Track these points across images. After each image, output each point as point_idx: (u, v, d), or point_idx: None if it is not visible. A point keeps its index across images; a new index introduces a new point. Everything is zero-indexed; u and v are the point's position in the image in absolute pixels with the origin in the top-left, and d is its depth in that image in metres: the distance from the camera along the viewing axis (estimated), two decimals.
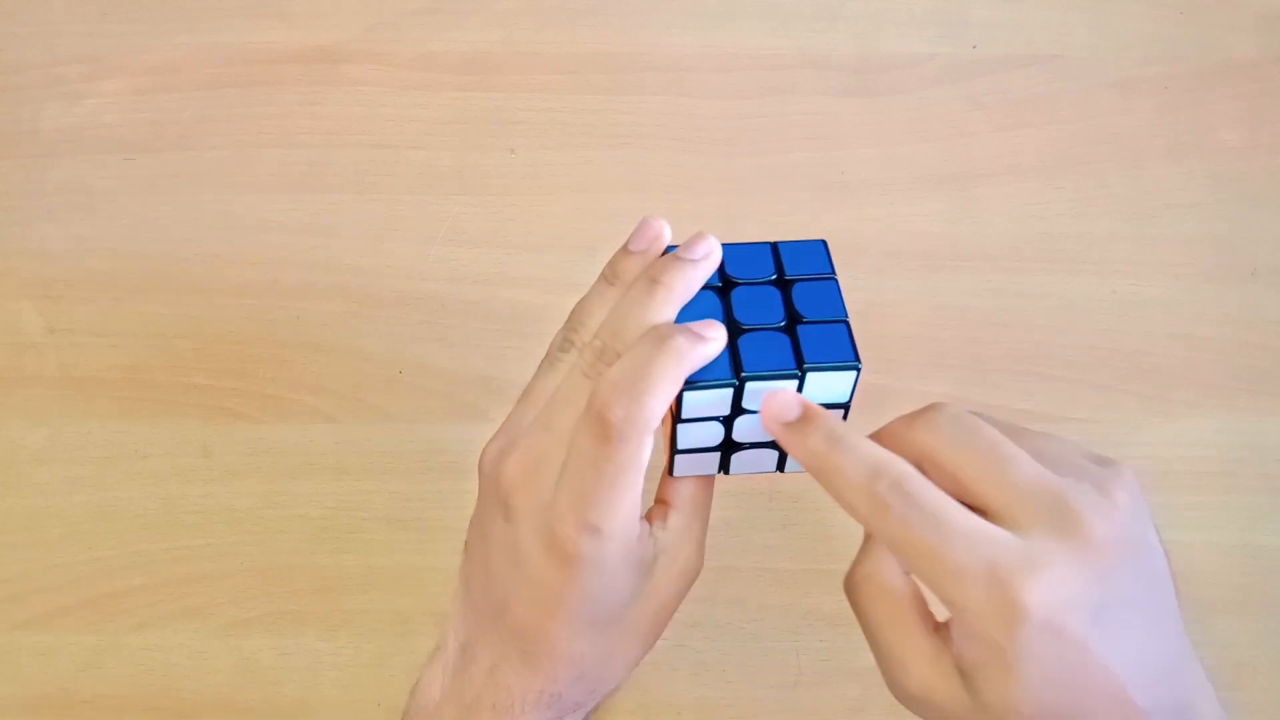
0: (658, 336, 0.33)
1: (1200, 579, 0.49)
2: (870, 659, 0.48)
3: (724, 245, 0.36)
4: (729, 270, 0.36)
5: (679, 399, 0.34)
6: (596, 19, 0.60)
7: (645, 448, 0.33)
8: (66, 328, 0.54)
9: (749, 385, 0.34)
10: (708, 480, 0.39)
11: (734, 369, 0.34)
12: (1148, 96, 0.58)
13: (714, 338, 0.34)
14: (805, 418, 0.34)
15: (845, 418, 0.36)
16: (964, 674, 0.32)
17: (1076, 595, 0.30)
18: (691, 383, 0.34)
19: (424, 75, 0.59)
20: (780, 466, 0.38)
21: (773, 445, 0.36)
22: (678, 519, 0.38)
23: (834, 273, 0.36)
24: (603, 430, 0.32)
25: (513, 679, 0.37)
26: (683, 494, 0.38)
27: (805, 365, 0.34)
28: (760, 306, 0.35)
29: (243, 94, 0.59)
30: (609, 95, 0.59)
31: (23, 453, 0.52)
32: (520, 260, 0.55)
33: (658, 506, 0.38)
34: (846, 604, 0.50)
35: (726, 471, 0.38)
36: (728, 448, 0.37)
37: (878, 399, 0.51)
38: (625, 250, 0.37)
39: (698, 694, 0.47)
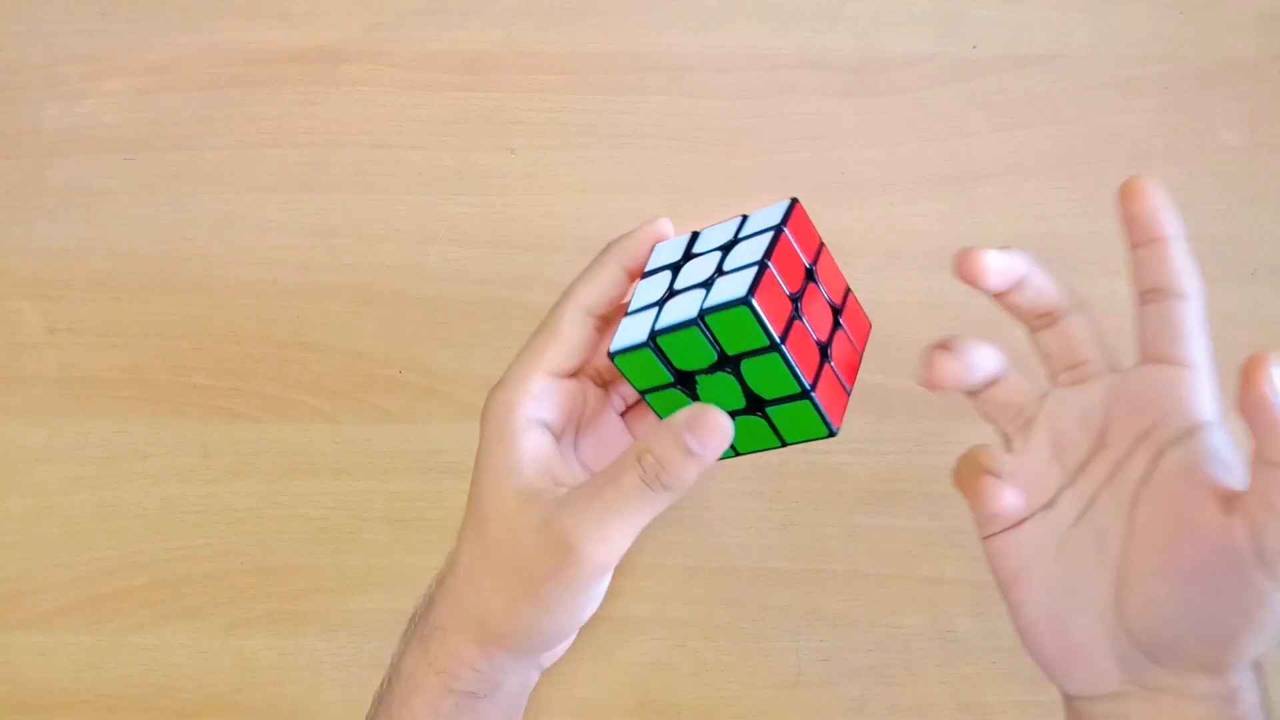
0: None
1: None
2: (870, 659, 0.48)
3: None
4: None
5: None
6: (596, 19, 0.60)
7: (565, 320, 0.38)
8: (66, 328, 0.54)
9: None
10: None
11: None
12: (1148, 96, 0.58)
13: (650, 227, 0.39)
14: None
15: (782, 350, 0.34)
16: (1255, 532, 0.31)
17: None
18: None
19: (424, 75, 0.59)
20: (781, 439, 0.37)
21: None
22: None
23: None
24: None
25: (466, 658, 0.39)
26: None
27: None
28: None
29: (243, 94, 0.59)
30: (609, 95, 0.59)
31: (23, 453, 0.52)
32: (520, 260, 0.55)
33: None
34: (847, 604, 0.50)
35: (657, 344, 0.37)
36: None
37: (878, 399, 0.52)
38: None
39: (698, 694, 0.47)
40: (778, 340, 0.33)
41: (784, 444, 0.37)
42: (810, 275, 0.36)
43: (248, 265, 0.55)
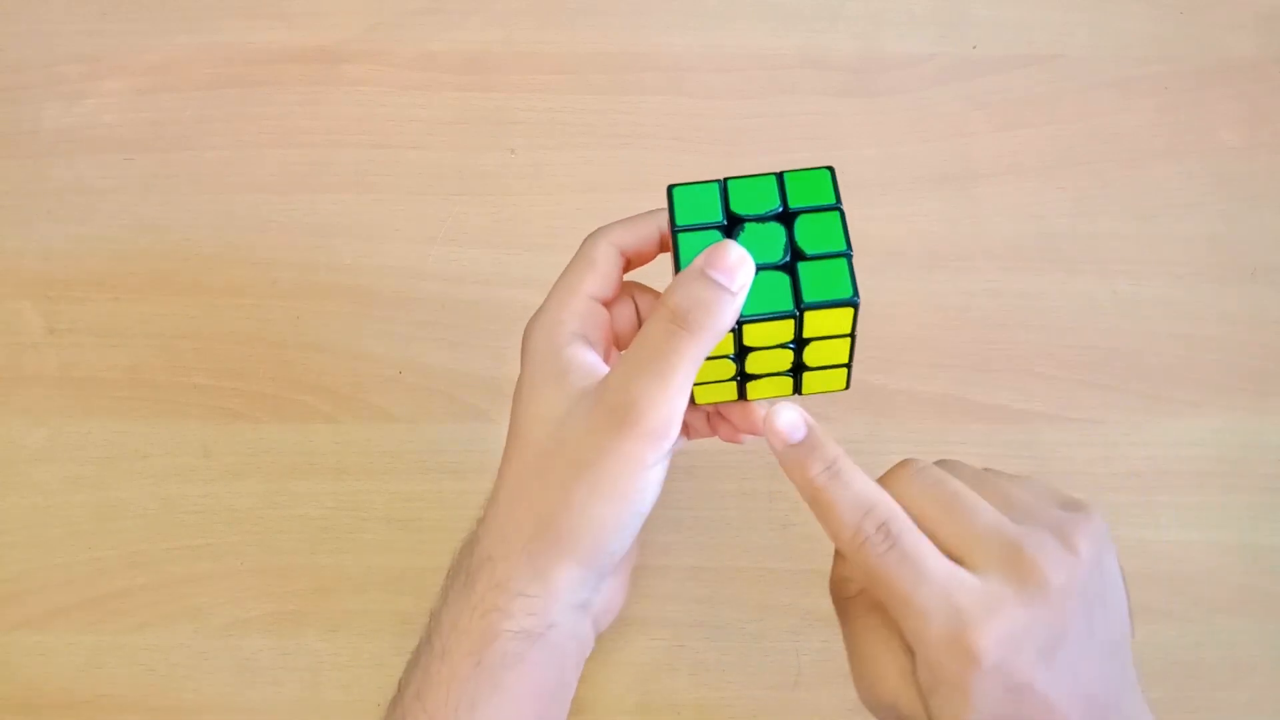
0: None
1: (1200, 579, 0.49)
2: None
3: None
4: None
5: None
6: (596, 19, 0.60)
7: (599, 250, 0.39)
8: (66, 328, 0.54)
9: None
10: None
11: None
12: (1148, 96, 0.58)
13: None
14: (808, 444, 0.36)
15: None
16: (924, 695, 0.34)
17: (1026, 637, 0.33)
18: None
19: (424, 75, 0.59)
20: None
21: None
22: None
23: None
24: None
25: (518, 585, 0.37)
26: None
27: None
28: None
29: (243, 94, 0.59)
30: (609, 95, 0.59)
31: (23, 453, 0.52)
32: (520, 260, 0.55)
33: None
34: None
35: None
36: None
37: (878, 399, 0.52)
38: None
39: (698, 694, 0.47)
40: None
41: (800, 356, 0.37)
42: None
43: (247, 265, 0.55)
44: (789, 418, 0.36)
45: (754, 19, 0.60)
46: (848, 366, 0.38)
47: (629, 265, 0.40)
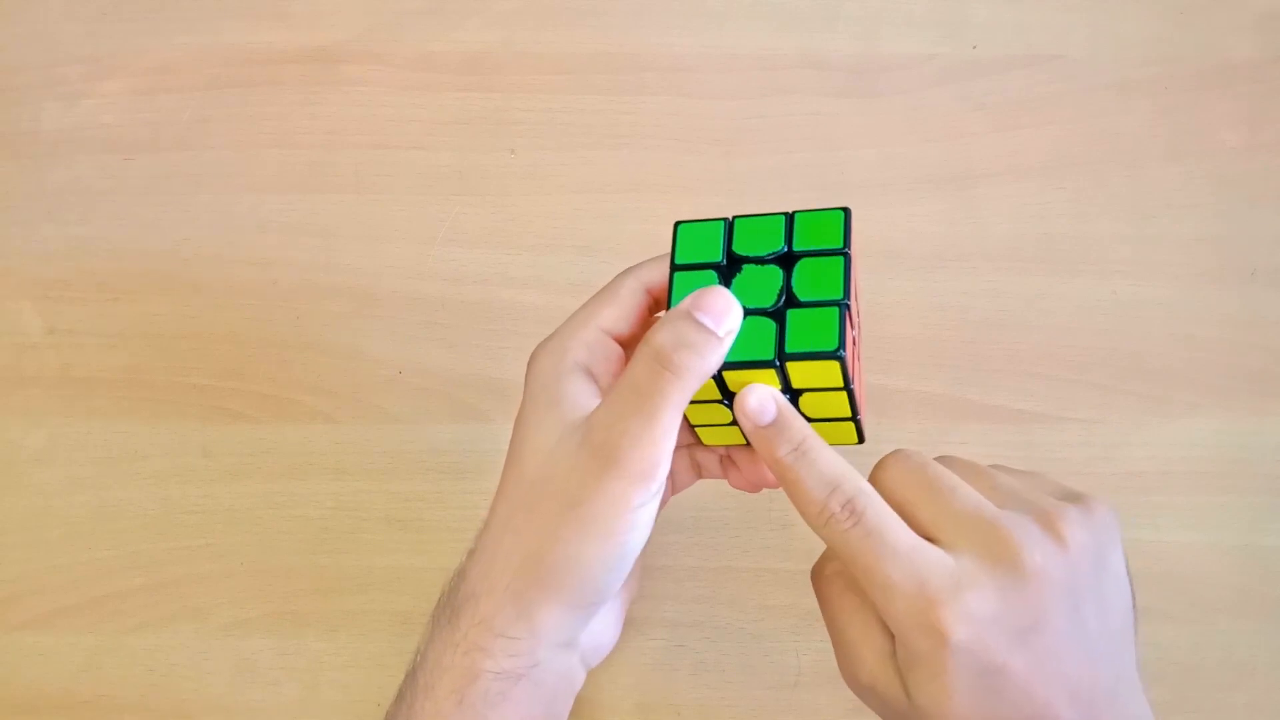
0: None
1: (1200, 579, 0.49)
2: None
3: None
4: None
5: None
6: (596, 19, 0.60)
7: (625, 286, 0.38)
8: (66, 328, 0.54)
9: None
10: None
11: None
12: (1148, 97, 0.58)
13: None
14: (778, 424, 0.35)
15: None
16: (902, 676, 0.34)
17: (998, 618, 0.32)
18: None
19: (424, 75, 0.59)
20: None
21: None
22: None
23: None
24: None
25: (500, 624, 0.36)
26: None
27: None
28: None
29: (243, 94, 0.59)
30: (609, 95, 0.59)
31: (23, 453, 0.52)
32: (520, 260, 0.55)
33: None
34: None
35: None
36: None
37: (878, 399, 0.52)
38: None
39: (698, 694, 0.47)
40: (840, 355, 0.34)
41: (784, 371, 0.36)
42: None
43: (247, 265, 0.55)
44: (759, 398, 0.35)
45: (754, 19, 0.60)
46: (854, 421, 0.37)
47: (656, 305, 0.39)
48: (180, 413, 0.52)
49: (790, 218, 0.36)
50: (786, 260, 0.36)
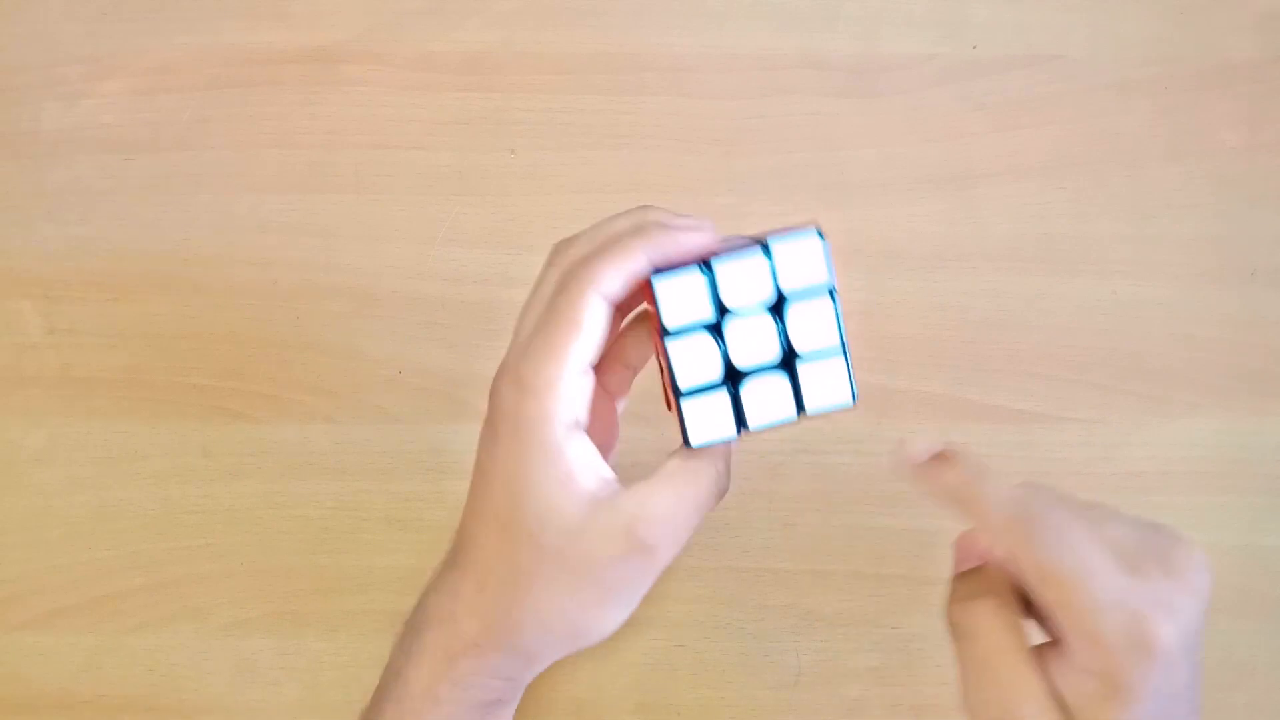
0: (629, 216, 0.37)
1: None
2: (870, 659, 0.48)
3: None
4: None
5: (657, 311, 0.35)
6: (596, 19, 0.60)
7: (588, 309, 0.35)
8: (66, 328, 0.54)
9: (719, 267, 0.35)
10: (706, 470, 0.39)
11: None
12: (1148, 97, 0.58)
13: (692, 227, 0.36)
14: (942, 456, 0.36)
15: (835, 297, 0.36)
16: (1070, 709, 0.32)
17: (1195, 638, 0.32)
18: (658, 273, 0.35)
19: (424, 75, 0.59)
20: (800, 406, 0.37)
21: (782, 367, 0.36)
22: (657, 493, 0.37)
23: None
24: (555, 283, 0.35)
25: (500, 663, 0.39)
26: (673, 470, 0.37)
27: (768, 238, 0.35)
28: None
29: (243, 94, 0.59)
30: (609, 95, 0.59)
31: (23, 453, 0.52)
32: (520, 260, 0.55)
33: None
34: (847, 604, 0.50)
35: (745, 426, 0.37)
36: (733, 379, 0.36)
37: (878, 399, 0.52)
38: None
39: (698, 694, 0.47)
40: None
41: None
42: None
43: (247, 265, 0.55)
44: (914, 444, 0.36)
45: (754, 19, 0.60)
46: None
47: (621, 315, 0.39)
48: (180, 413, 0.52)
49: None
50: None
